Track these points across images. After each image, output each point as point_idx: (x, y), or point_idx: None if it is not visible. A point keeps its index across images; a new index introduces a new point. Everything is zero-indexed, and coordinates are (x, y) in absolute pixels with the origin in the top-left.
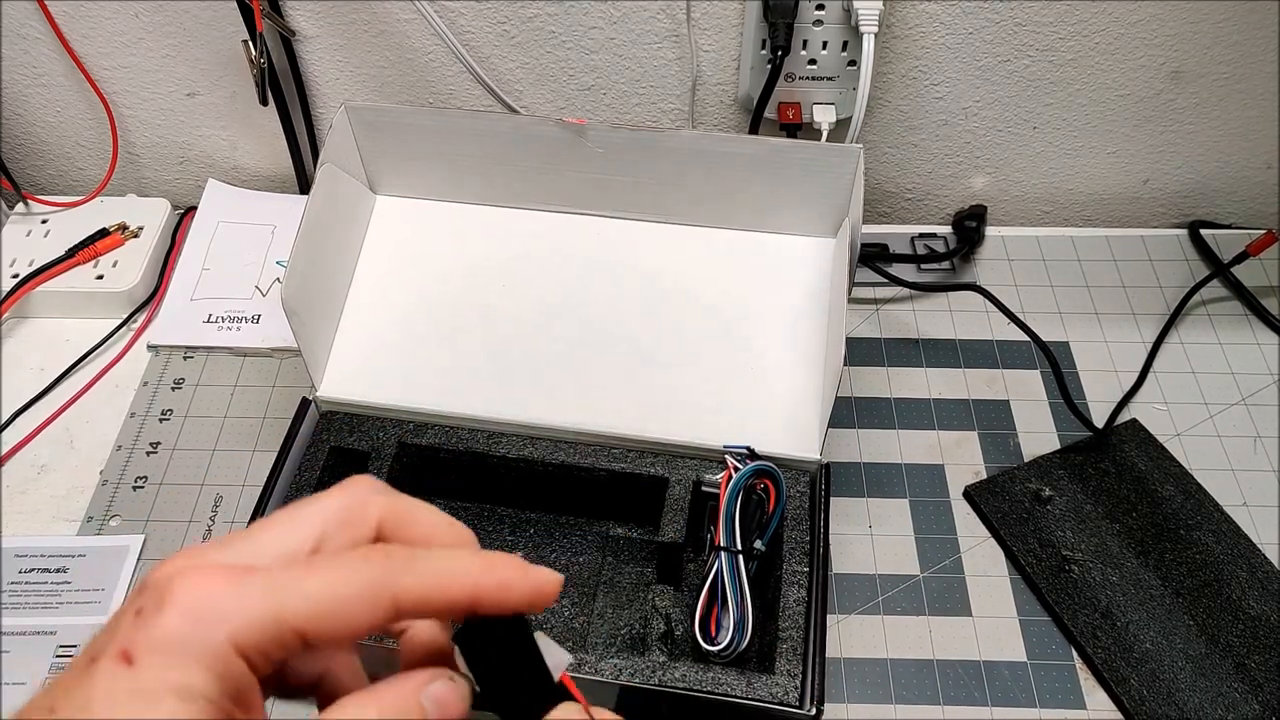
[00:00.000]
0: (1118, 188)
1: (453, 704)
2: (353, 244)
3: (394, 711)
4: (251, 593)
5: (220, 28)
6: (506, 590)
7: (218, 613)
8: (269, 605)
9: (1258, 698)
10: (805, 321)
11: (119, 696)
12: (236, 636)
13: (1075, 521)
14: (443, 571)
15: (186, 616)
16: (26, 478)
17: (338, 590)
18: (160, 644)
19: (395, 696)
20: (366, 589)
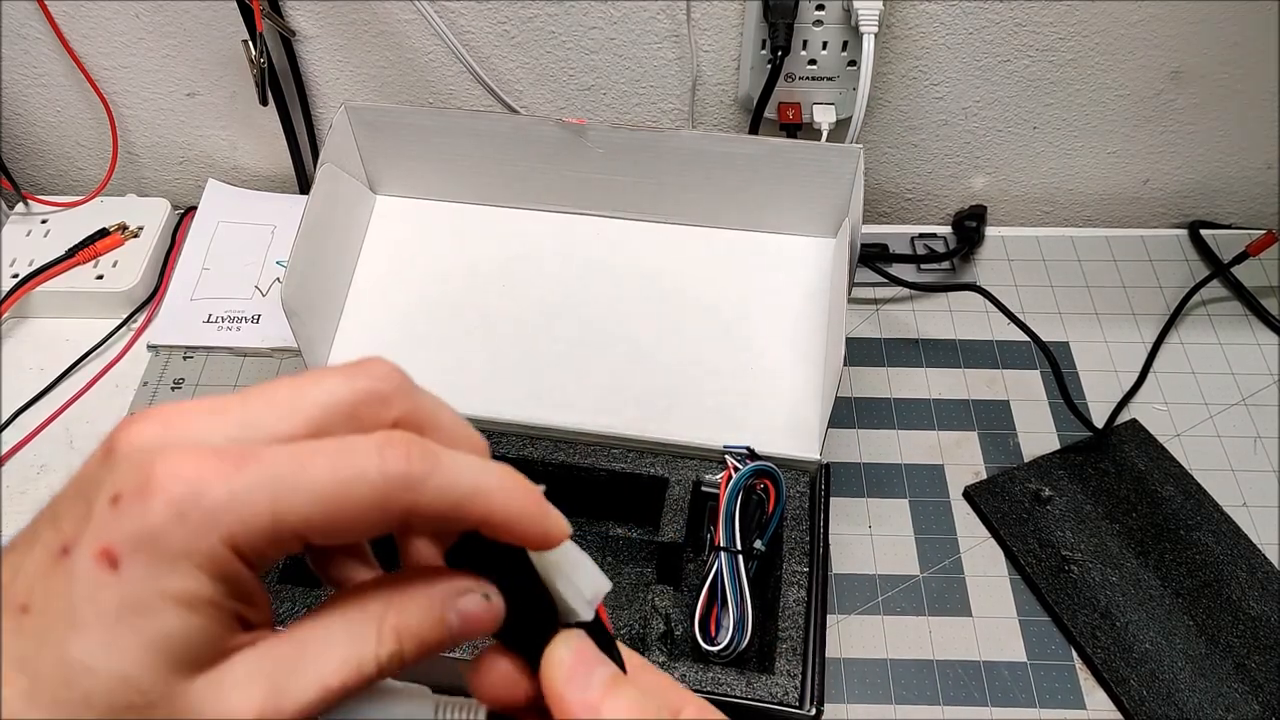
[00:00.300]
0: (1118, 188)
1: (481, 623)
2: (353, 244)
3: (414, 624)
4: (247, 485)
5: (220, 28)
6: (522, 522)
7: (211, 509)
8: (267, 502)
9: (1258, 698)
10: (805, 321)
11: (107, 606)
12: (233, 538)
13: (1075, 522)
14: (466, 485)
15: (175, 512)
16: (26, 478)
17: (348, 489)
18: (147, 543)
19: (419, 605)
20: (380, 491)
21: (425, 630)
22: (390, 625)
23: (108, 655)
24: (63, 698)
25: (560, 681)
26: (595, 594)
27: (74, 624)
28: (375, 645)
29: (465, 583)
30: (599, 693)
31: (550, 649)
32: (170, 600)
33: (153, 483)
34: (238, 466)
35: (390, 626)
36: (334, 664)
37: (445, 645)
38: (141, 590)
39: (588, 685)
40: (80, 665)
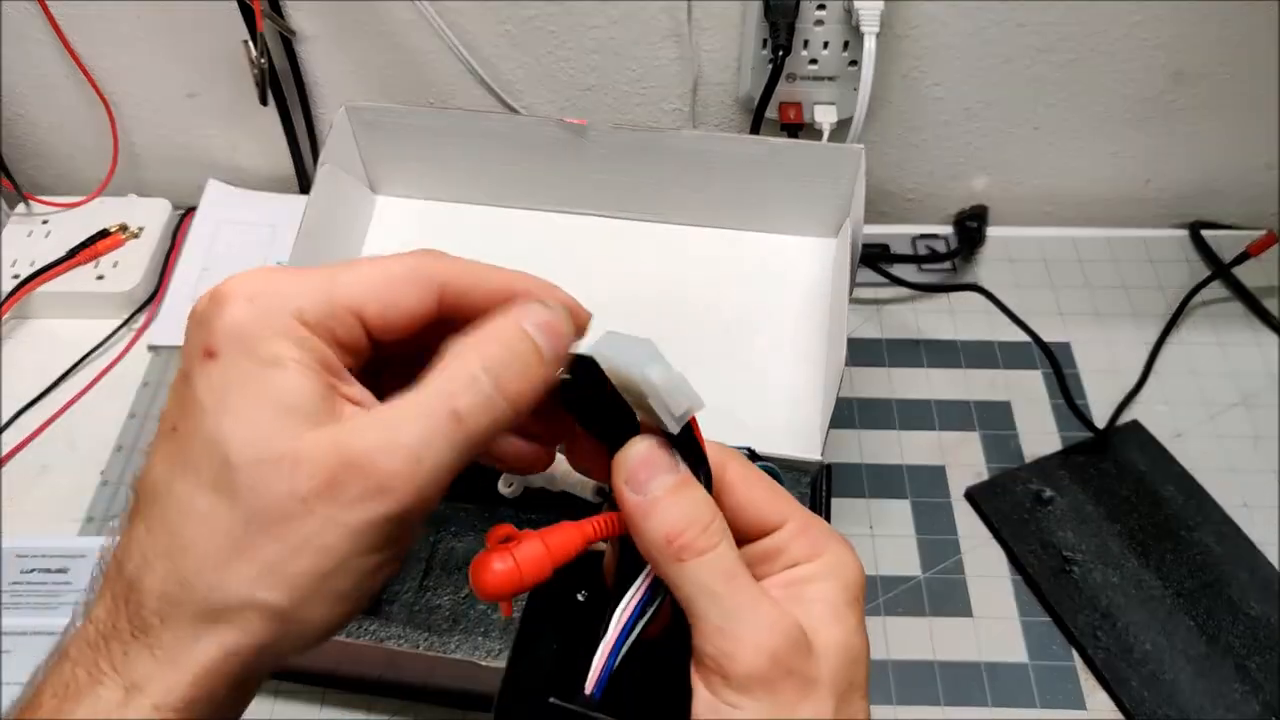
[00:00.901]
0: (1119, 188)
1: (559, 330)
2: (353, 244)
3: (507, 353)
4: (303, 277)
5: (220, 28)
6: (544, 291)
7: (276, 293)
8: (322, 284)
9: (1258, 698)
10: (806, 322)
11: (218, 386)
12: (301, 312)
13: (1076, 522)
14: (483, 273)
15: (248, 301)
16: (27, 478)
17: (387, 269)
18: (235, 330)
19: (500, 337)
20: (413, 270)
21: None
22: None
23: (233, 423)
24: (204, 467)
25: (619, 480)
26: (683, 412)
27: (205, 412)
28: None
29: (523, 302)
30: (653, 500)
31: (621, 450)
32: (265, 364)
33: (225, 290)
34: (291, 270)
35: (481, 366)
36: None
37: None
38: (239, 364)
39: (645, 488)
40: (220, 440)
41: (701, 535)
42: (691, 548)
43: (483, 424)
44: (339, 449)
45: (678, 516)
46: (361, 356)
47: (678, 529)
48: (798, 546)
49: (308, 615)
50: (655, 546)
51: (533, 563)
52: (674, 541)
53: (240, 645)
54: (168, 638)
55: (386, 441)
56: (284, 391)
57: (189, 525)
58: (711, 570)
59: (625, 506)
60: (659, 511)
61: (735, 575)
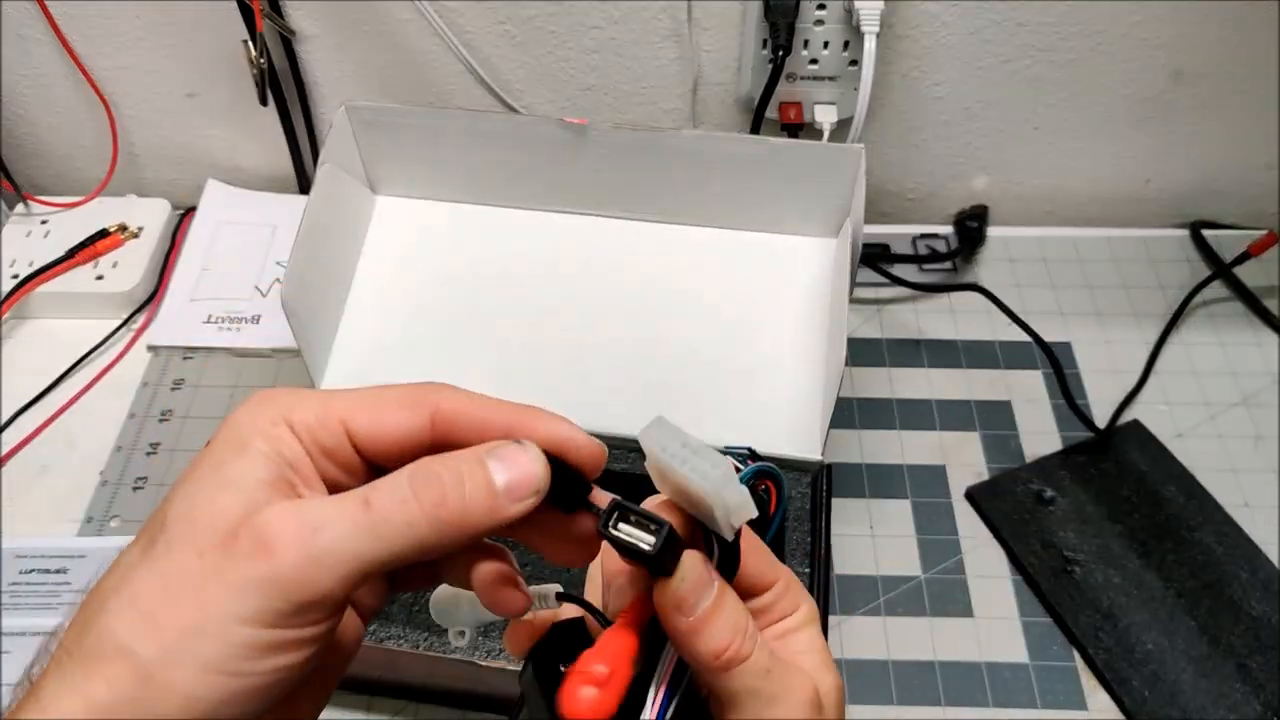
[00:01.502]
0: (1119, 188)
1: (526, 470)
2: (353, 244)
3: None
4: (309, 392)
5: (220, 28)
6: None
7: (274, 400)
8: (319, 397)
9: (1259, 698)
10: (806, 322)
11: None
12: (289, 415)
13: (1077, 522)
14: (475, 400)
15: (254, 404)
16: (27, 478)
17: (382, 390)
18: (231, 424)
19: (453, 457)
20: (408, 393)
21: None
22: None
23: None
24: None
25: (669, 607)
26: (740, 521)
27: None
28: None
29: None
30: (699, 621)
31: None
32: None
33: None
34: (307, 390)
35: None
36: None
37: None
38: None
39: (691, 612)
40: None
41: (744, 643)
42: (736, 658)
43: (396, 526)
44: (247, 512)
45: (723, 631)
46: (355, 473)
47: (724, 644)
48: (785, 603)
49: (171, 677)
50: (702, 663)
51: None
52: (721, 656)
53: (101, 698)
54: (51, 683)
55: (290, 510)
56: (237, 472)
57: (112, 575)
58: (753, 673)
59: (674, 629)
60: (707, 631)
61: (770, 669)
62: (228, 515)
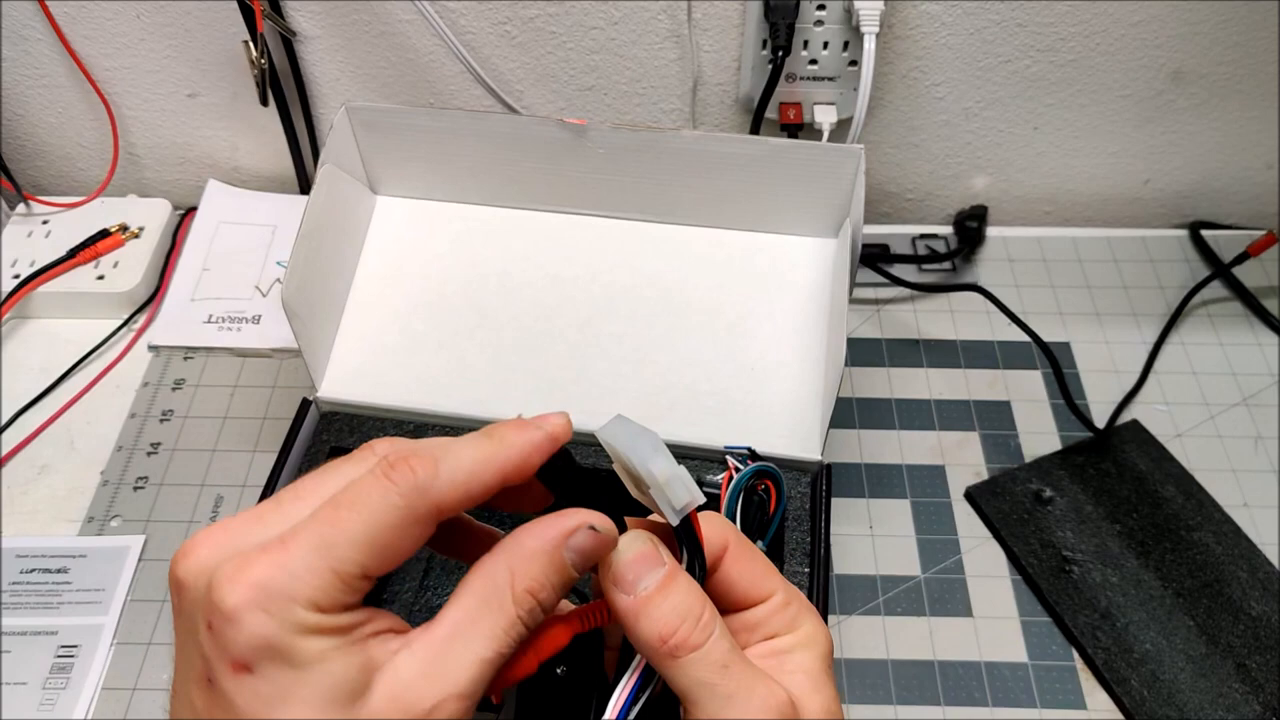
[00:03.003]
0: (1118, 188)
1: (595, 552)
2: (353, 244)
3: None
4: (302, 561)
5: (221, 28)
6: (526, 458)
7: (285, 596)
8: (324, 565)
9: (1258, 698)
10: (806, 322)
11: (265, 695)
12: (315, 603)
13: (1076, 522)
14: (467, 468)
15: (263, 613)
16: (27, 478)
17: (382, 522)
18: (262, 645)
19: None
20: (406, 512)
21: (551, 580)
22: (521, 589)
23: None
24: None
25: (606, 582)
26: (685, 505)
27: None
28: (514, 609)
29: (572, 522)
30: (643, 597)
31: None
32: (306, 666)
33: (230, 601)
34: (284, 549)
35: (522, 590)
36: (483, 639)
37: (573, 581)
38: (280, 676)
39: (633, 589)
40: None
41: (695, 630)
42: (685, 645)
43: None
44: (394, 701)
45: (668, 614)
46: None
47: (670, 627)
48: (779, 619)
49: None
50: (649, 646)
51: (519, 666)
52: (667, 640)
53: None
54: None
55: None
56: (329, 684)
57: None
58: (706, 664)
59: (615, 608)
60: (649, 611)
61: (729, 664)
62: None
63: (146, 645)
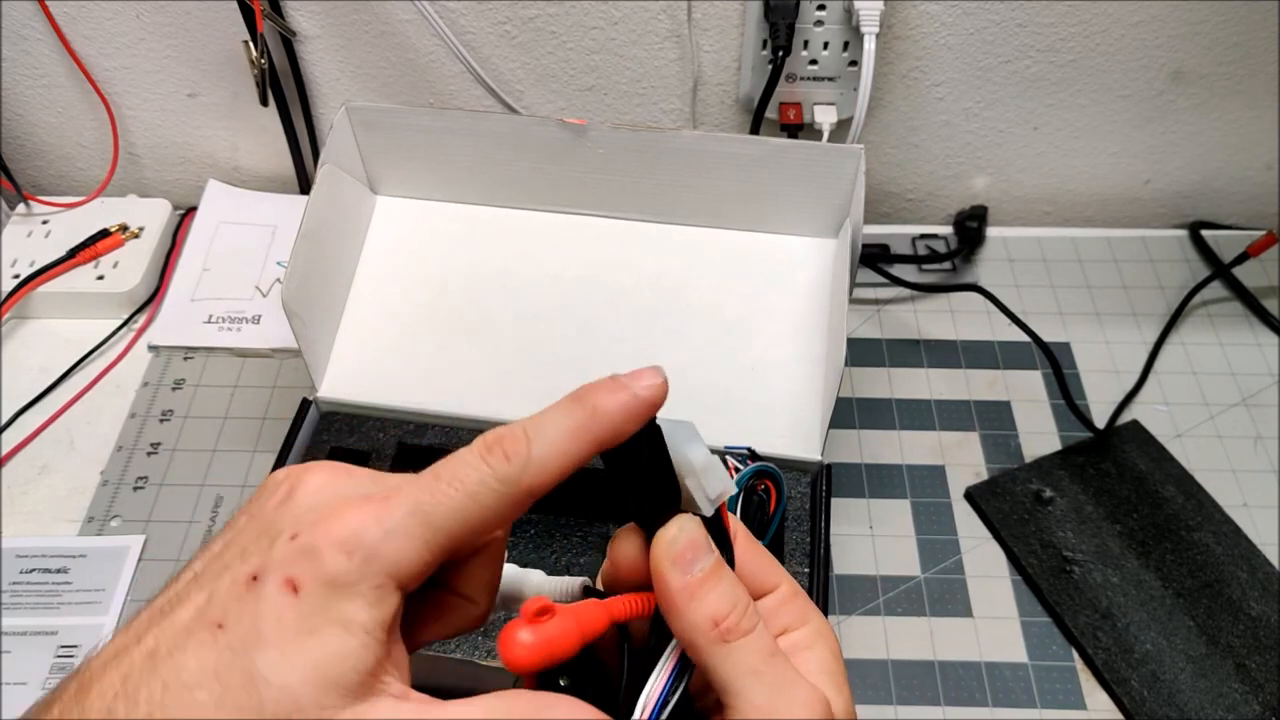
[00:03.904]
0: (1118, 188)
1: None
2: (353, 244)
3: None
4: (401, 524)
5: (221, 28)
6: (620, 426)
7: (374, 550)
8: (419, 532)
9: (1258, 698)
10: (806, 322)
11: (288, 625)
12: (397, 568)
13: (1076, 522)
14: (561, 448)
15: (346, 556)
16: (27, 478)
17: (479, 502)
18: (325, 579)
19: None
20: (502, 495)
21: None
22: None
23: (282, 669)
24: (243, 704)
25: (665, 561)
26: (718, 495)
27: (260, 640)
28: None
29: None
30: (698, 582)
31: (663, 530)
32: (338, 624)
33: (325, 524)
34: (385, 505)
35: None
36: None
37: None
38: (316, 613)
39: (689, 569)
40: (260, 676)
41: (744, 616)
42: (736, 630)
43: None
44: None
45: (722, 597)
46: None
47: (723, 611)
48: (789, 612)
49: None
50: (698, 629)
51: (562, 639)
52: (720, 624)
53: None
54: None
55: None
56: (340, 661)
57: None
58: (755, 650)
59: (669, 587)
60: (703, 593)
61: (775, 653)
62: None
63: None
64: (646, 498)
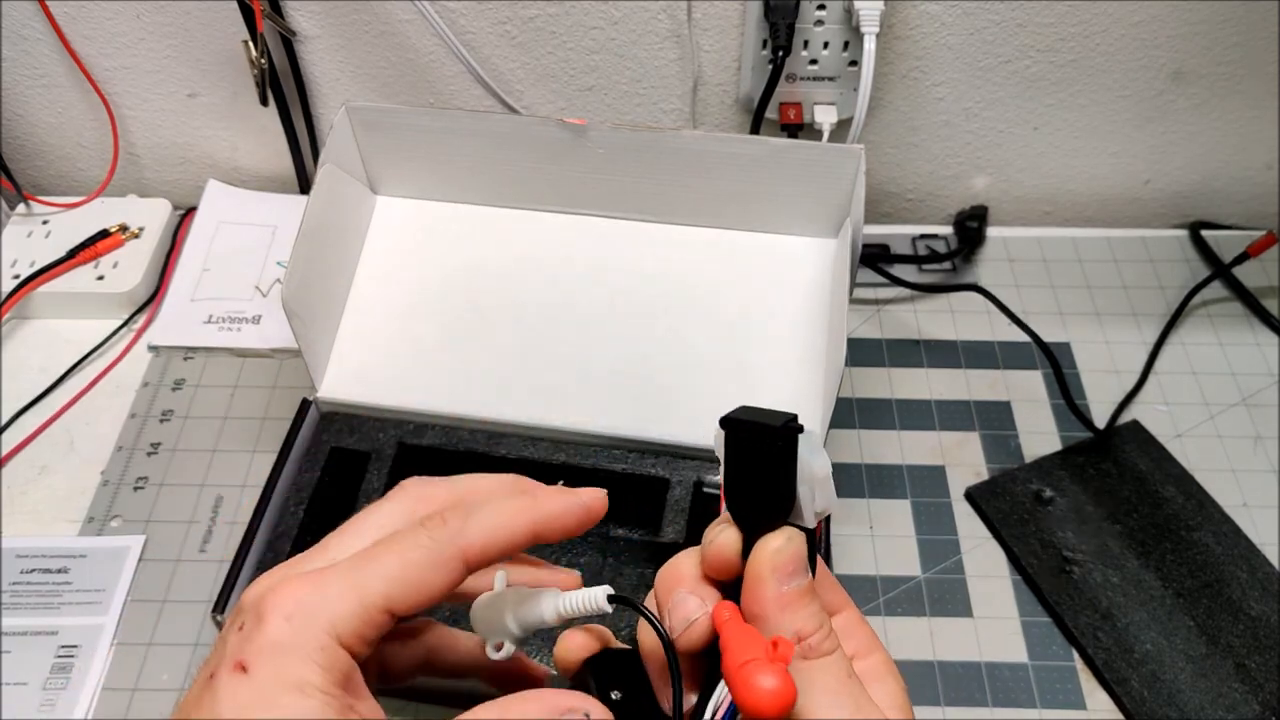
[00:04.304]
0: (1118, 188)
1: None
2: (353, 244)
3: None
4: (335, 586)
5: (221, 28)
6: (557, 520)
7: (312, 611)
8: (353, 592)
9: (1258, 698)
10: (806, 322)
11: (242, 700)
12: (334, 627)
13: (1076, 522)
14: (498, 522)
15: (286, 620)
16: (27, 478)
17: (410, 560)
18: (268, 649)
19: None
20: (434, 553)
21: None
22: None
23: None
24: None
25: (767, 568)
26: (823, 509)
27: (216, 715)
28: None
29: (575, 701)
30: (794, 594)
31: (770, 537)
32: (292, 690)
33: (267, 607)
34: (324, 575)
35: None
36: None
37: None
38: (268, 683)
39: (788, 581)
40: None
41: (827, 639)
42: (819, 649)
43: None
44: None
45: (811, 616)
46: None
47: (809, 629)
48: (856, 638)
49: None
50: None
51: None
52: (804, 640)
53: None
54: None
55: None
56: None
57: None
58: (834, 672)
59: (765, 594)
60: (796, 608)
61: (851, 676)
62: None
63: (147, 645)
64: (762, 499)
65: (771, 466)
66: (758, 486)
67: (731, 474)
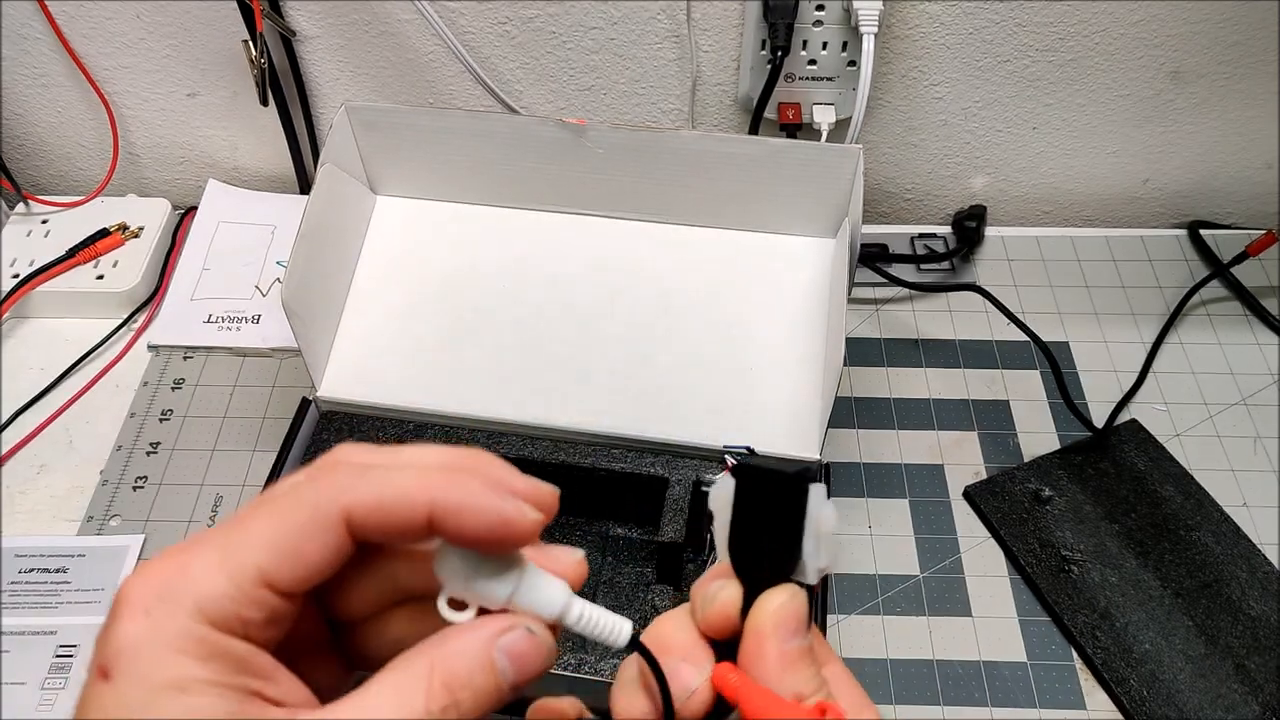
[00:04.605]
0: (1117, 188)
1: (531, 660)
2: (353, 244)
3: (462, 671)
4: (199, 563)
5: (220, 28)
6: (466, 513)
7: (174, 597)
8: (219, 568)
9: (1257, 698)
10: (805, 321)
11: (110, 709)
12: (202, 611)
13: (1075, 522)
14: (393, 484)
15: (144, 613)
16: (27, 478)
17: (287, 522)
18: (128, 650)
19: (463, 651)
20: (312, 512)
21: (475, 679)
22: (439, 680)
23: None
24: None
25: (770, 625)
26: (826, 566)
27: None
28: (425, 703)
29: (507, 622)
30: (795, 654)
31: (773, 593)
32: (165, 689)
33: (121, 600)
34: (189, 552)
35: (439, 682)
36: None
37: (501, 690)
38: (134, 690)
39: (789, 640)
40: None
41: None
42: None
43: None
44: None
45: (811, 678)
46: (288, 615)
47: (808, 691)
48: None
49: None
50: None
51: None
52: (805, 699)
53: None
54: None
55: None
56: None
57: None
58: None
59: (767, 652)
60: (799, 668)
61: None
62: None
63: None
64: (768, 552)
65: (781, 516)
66: (765, 538)
67: (738, 525)
